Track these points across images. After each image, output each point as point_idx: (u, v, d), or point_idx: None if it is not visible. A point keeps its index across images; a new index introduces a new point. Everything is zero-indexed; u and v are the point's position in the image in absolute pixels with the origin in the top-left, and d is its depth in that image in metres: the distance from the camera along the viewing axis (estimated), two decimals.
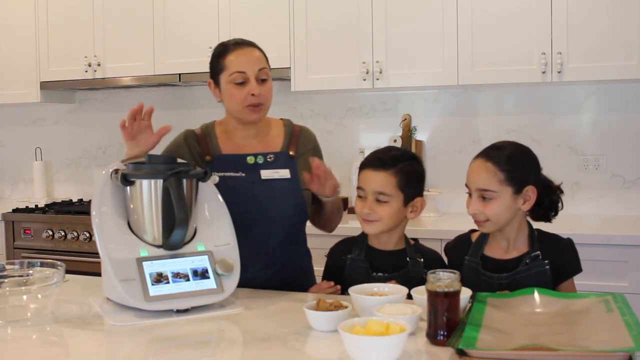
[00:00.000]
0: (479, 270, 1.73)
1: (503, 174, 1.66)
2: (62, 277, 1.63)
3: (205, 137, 2.00)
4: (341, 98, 3.63)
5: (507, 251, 1.74)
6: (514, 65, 2.99)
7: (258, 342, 1.40)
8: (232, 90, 1.89)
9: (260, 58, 1.92)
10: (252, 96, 1.87)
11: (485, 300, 1.49)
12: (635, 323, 1.27)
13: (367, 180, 1.80)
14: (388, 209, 1.77)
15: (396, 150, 1.89)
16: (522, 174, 1.68)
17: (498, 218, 1.68)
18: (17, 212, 3.67)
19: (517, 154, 1.71)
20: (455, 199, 3.19)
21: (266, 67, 1.92)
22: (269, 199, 1.92)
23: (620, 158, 3.19)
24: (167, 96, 4.02)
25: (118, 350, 1.44)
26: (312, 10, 3.30)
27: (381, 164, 1.78)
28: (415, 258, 1.81)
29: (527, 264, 1.69)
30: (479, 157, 1.72)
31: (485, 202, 1.68)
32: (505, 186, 1.67)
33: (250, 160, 1.94)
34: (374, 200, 1.78)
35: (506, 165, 1.67)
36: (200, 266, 1.65)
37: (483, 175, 1.68)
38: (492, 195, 1.67)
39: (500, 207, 1.67)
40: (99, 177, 1.75)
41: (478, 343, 1.23)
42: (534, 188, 1.69)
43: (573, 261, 1.74)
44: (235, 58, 1.90)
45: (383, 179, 1.77)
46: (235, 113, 1.93)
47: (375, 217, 1.78)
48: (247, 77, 1.88)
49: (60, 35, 3.81)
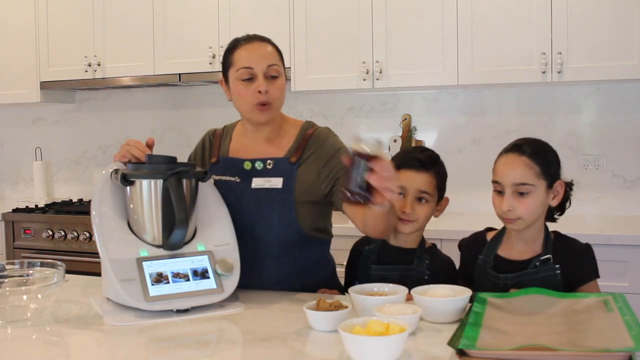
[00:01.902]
0: (486, 270, 1.72)
1: (538, 167, 1.65)
2: (62, 277, 1.63)
3: (221, 137, 1.95)
4: (341, 98, 3.63)
5: (521, 252, 1.71)
6: (514, 65, 2.99)
7: (258, 342, 1.40)
8: (239, 87, 1.79)
9: (271, 54, 1.81)
10: (258, 93, 1.76)
11: (485, 300, 1.49)
12: (635, 323, 1.27)
13: (409, 180, 1.79)
14: (427, 209, 1.80)
15: (430, 151, 1.89)
16: (553, 167, 1.68)
17: (532, 214, 1.65)
18: (17, 212, 3.68)
19: (546, 147, 1.72)
20: (456, 199, 3.17)
21: (277, 64, 1.81)
22: (254, 210, 1.79)
23: (620, 158, 3.19)
24: (167, 96, 4.02)
25: (118, 350, 1.44)
26: (312, 10, 3.30)
27: (422, 164, 1.80)
28: (422, 258, 1.81)
29: (536, 267, 1.67)
30: (509, 152, 1.70)
31: (521, 198, 1.64)
32: (541, 179, 1.65)
33: (247, 166, 1.83)
34: (414, 200, 1.79)
35: (540, 159, 1.66)
36: (200, 266, 1.65)
37: (519, 170, 1.65)
38: (529, 189, 1.64)
39: (535, 202, 1.64)
40: (99, 177, 1.75)
41: (478, 343, 1.23)
42: (562, 182, 1.69)
43: (588, 266, 1.69)
44: (243, 53, 1.79)
45: (426, 180, 1.79)
46: (244, 112, 1.84)
47: (414, 217, 1.79)
48: (255, 73, 1.77)
49: (60, 35, 3.81)
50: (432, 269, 1.79)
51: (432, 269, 1.79)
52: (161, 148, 2.01)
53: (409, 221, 1.79)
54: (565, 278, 1.65)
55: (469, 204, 3.20)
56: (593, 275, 1.70)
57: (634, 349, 1.15)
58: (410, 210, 1.78)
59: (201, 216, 1.75)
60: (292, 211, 1.78)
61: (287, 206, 1.77)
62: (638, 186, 3.17)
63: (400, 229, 1.81)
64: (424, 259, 1.81)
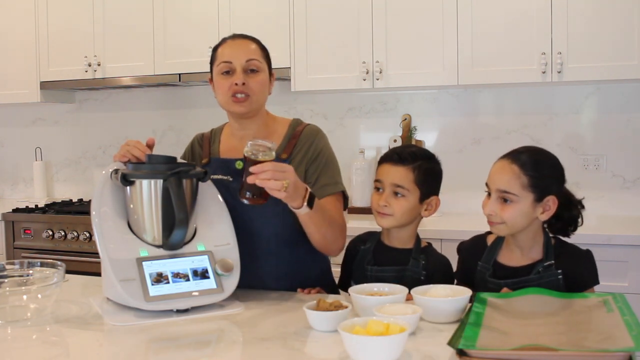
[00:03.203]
0: (486, 278, 1.71)
1: (527, 179, 1.62)
2: (62, 277, 1.63)
3: (210, 139, 1.98)
4: (341, 98, 3.63)
5: (520, 258, 1.70)
6: (514, 65, 2.99)
7: (258, 342, 1.40)
8: (219, 80, 1.85)
9: (252, 50, 1.86)
10: (235, 85, 1.81)
11: (485, 300, 1.49)
12: (635, 323, 1.27)
13: (385, 174, 1.80)
14: (403, 204, 1.78)
15: (415, 148, 1.89)
16: (546, 181, 1.64)
17: (513, 223, 1.64)
18: (17, 212, 3.68)
19: (545, 160, 1.67)
20: (456, 199, 3.20)
21: (256, 59, 1.85)
22: (251, 207, 1.76)
23: (620, 158, 3.19)
24: (167, 96, 4.02)
25: (118, 350, 1.44)
26: (312, 10, 3.30)
27: (400, 158, 1.79)
28: (417, 259, 1.81)
29: (539, 272, 1.65)
30: (505, 158, 1.68)
31: (504, 205, 1.64)
32: (527, 192, 1.62)
33: (239, 166, 1.84)
34: (390, 194, 1.79)
35: (531, 171, 1.62)
36: (200, 266, 1.65)
37: (506, 177, 1.64)
38: (512, 198, 1.63)
39: (517, 212, 1.63)
40: (99, 177, 1.75)
41: (478, 343, 1.23)
42: (555, 199, 1.64)
43: (589, 273, 1.68)
44: (225, 49, 1.87)
45: (401, 173, 1.78)
46: (223, 105, 1.88)
47: (389, 210, 1.78)
48: (233, 67, 1.82)
49: (60, 35, 3.81)
50: (428, 269, 1.78)
51: (428, 269, 1.78)
52: (161, 148, 2.01)
53: (385, 214, 1.79)
54: (567, 284, 1.64)
55: (468, 204, 3.20)
56: (593, 282, 1.68)
57: (634, 349, 1.15)
58: (385, 203, 1.78)
59: (201, 216, 1.75)
60: (285, 206, 1.74)
61: (280, 201, 1.71)
62: (638, 186, 3.17)
63: (378, 222, 1.83)
64: (419, 259, 1.80)
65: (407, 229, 1.83)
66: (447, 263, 1.85)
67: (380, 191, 1.81)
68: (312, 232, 1.78)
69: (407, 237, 1.84)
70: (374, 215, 1.83)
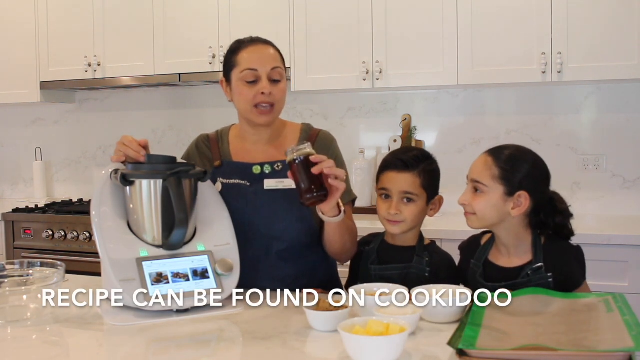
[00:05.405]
0: (476, 278, 1.71)
1: (498, 171, 1.64)
2: (62, 277, 1.63)
3: (218, 141, 1.96)
4: (341, 98, 3.63)
5: (509, 258, 1.70)
6: (514, 65, 2.99)
7: (258, 342, 1.40)
8: (242, 88, 1.81)
9: (274, 57, 1.84)
10: (262, 95, 1.79)
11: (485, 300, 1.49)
12: (635, 323, 1.27)
13: (391, 182, 1.80)
14: (413, 209, 1.79)
15: (416, 150, 1.89)
16: (517, 176, 1.64)
17: (483, 214, 1.66)
18: (17, 212, 3.68)
19: (521, 157, 1.67)
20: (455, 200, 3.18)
21: (280, 67, 1.83)
22: (271, 211, 1.82)
23: (620, 158, 3.19)
24: (167, 96, 4.02)
25: (118, 350, 1.44)
26: (312, 10, 3.30)
27: (405, 165, 1.79)
28: (422, 256, 1.81)
29: (527, 275, 1.64)
30: (485, 152, 1.71)
31: (475, 195, 1.67)
32: (496, 183, 1.64)
33: (256, 170, 1.85)
34: (400, 201, 1.79)
35: (504, 164, 1.65)
36: (200, 266, 1.65)
37: (479, 167, 1.68)
38: (482, 188, 1.65)
39: (486, 203, 1.65)
40: (98, 177, 1.75)
41: (478, 343, 1.23)
42: (527, 195, 1.63)
43: (576, 272, 1.67)
44: (248, 55, 1.82)
45: (408, 180, 1.78)
46: (245, 113, 1.85)
47: (401, 217, 1.78)
48: (259, 75, 1.80)
49: (60, 35, 3.81)
50: (432, 265, 1.79)
51: (432, 266, 1.79)
52: (161, 148, 2.01)
53: (396, 222, 1.79)
54: (558, 284, 1.63)
55: None
56: (582, 278, 1.68)
57: (634, 349, 1.15)
58: (396, 211, 1.78)
59: (201, 216, 1.75)
60: (308, 210, 1.80)
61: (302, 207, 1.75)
62: (638, 186, 3.17)
63: (389, 230, 1.82)
64: (423, 256, 1.80)
65: (414, 230, 1.84)
66: (450, 259, 1.86)
67: (387, 199, 1.80)
68: (336, 240, 1.81)
69: (413, 235, 1.84)
70: (383, 224, 1.83)
